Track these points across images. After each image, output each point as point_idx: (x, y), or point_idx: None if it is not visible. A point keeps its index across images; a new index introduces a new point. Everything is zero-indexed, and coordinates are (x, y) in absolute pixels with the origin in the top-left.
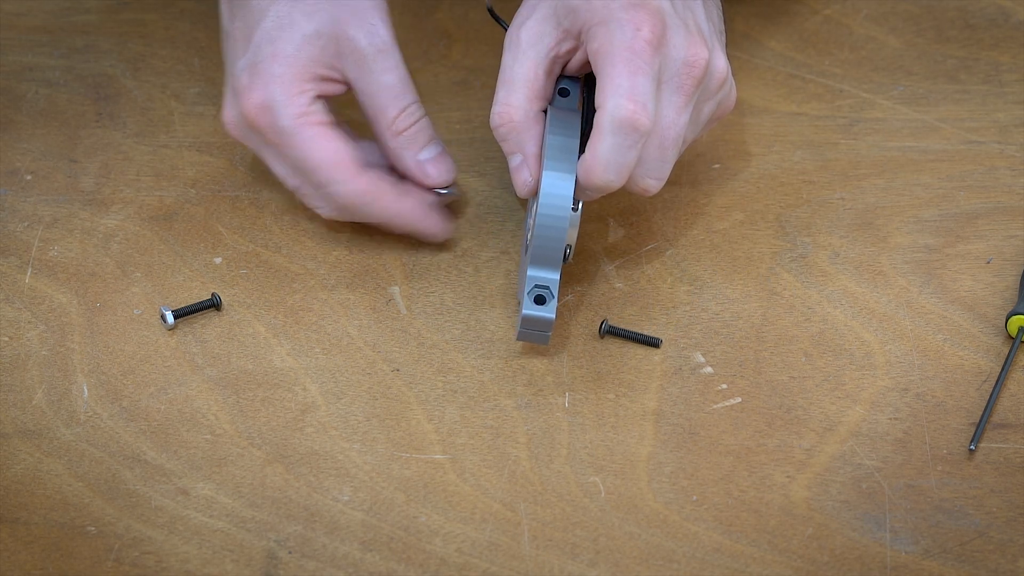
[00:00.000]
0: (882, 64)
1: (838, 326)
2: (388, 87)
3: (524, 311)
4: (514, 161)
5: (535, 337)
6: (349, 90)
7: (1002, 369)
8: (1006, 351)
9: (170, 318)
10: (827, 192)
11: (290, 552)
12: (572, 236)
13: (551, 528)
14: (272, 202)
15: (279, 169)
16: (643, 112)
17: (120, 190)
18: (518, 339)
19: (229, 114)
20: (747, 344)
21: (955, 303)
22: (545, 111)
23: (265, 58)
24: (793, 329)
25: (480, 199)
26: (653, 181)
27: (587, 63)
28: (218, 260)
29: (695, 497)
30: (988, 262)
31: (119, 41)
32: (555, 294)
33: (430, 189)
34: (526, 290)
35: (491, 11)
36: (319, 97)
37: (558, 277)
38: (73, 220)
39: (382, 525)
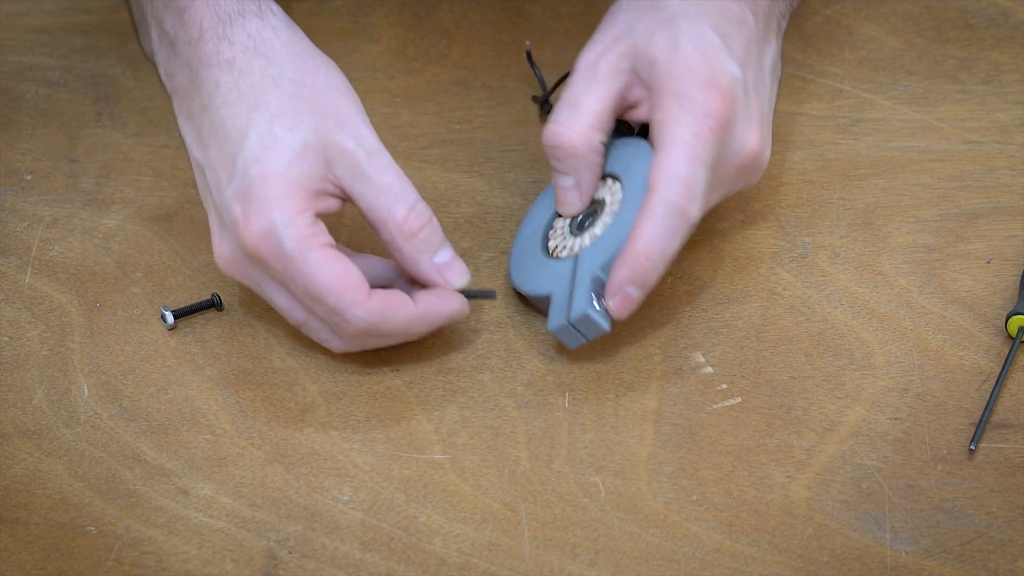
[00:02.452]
0: (882, 64)
1: (838, 326)
2: (388, 187)
3: (584, 310)
4: (565, 182)
5: (571, 337)
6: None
7: (1002, 369)
8: (1006, 351)
9: (170, 318)
10: (827, 192)
11: (290, 552)
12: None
13: (551, 528)
14: None
15: (283, 302)
16: (694, 204)
17: (120, 190)
18: (559, 334)
19: (223, 249)
20: (747, 344)
21: (955, 303)
22: (605, 144)
23: (255, 181)
24: (793, 329)
25: (480, 199)
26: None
27: (642, 110)
28: None
29: (695, 497)
30: (988, 262)
31: (119, 41)
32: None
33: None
34: (588, 288)
35: (529, 55)
36: (318, 216)
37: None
38: (73, 220)
39: (382, 525)
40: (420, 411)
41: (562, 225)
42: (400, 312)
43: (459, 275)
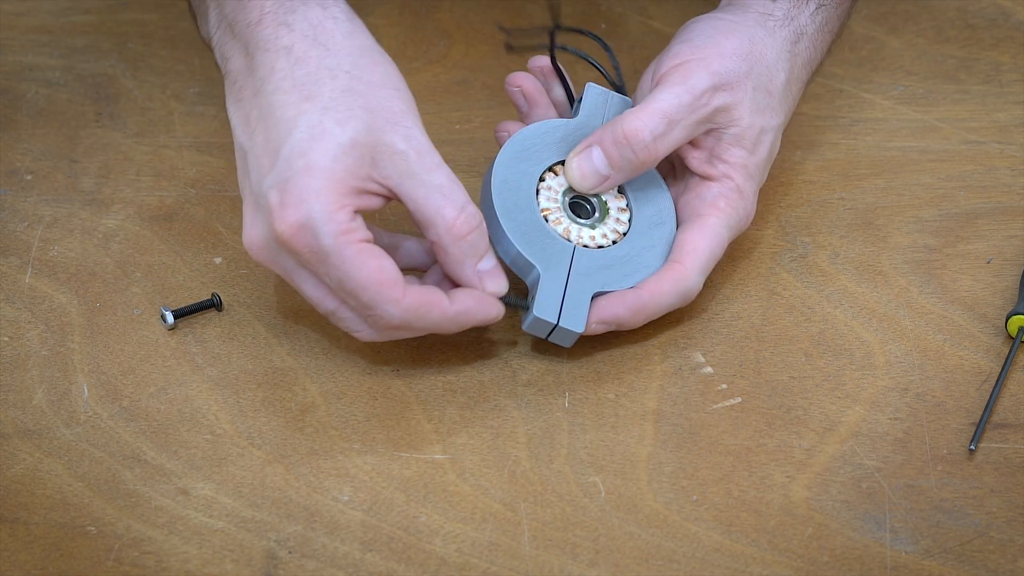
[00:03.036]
0: (882, 64)
1: (838, 326)
2: (438, 187)
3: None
4: (604, 169)
5: (542, 329)
6: (392, 201)
7: (1002, 369)
8: (1006, 351)
9: (170, 318)
10: (827, 192)
11: (290, 552)
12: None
13: (551, 528)
14: None
15: (314, 292)
16: (700, 286)
17: (120, 190)
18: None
19: (255, 235)
20: (747, 344)
21: (955, 303)
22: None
23: (298, 172)
24: (793, 329)
25: (480, 199)
26: None
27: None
28: (218, 260)
29: (695, 497)
30: (988, 262)
31: (119, 41)
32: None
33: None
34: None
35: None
36: (357, 212)
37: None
38: (73, 220)
39: (382, 525)
40: (420, 411)
41: (556, 186)
42: (435, 311)
43: (498, 284)
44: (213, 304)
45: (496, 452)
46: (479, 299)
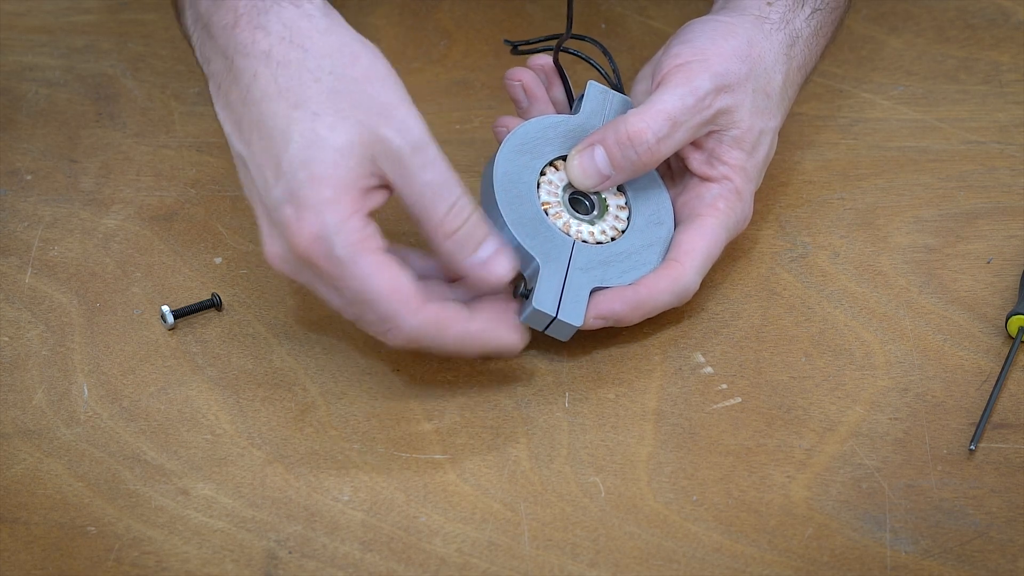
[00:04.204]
0: (882, 64)
1: (838, 326)
2: (429, 184)
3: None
4: (605, 168)
5: (540, 322)
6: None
7: (1002, 369)
8: (1006, 351)
9: (170, 318)
10: (827, 192)
11: (290, 552)
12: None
13: (551, 528)
14: None
15: (336, 301)
16: (697, 286)
17: (120, 190)
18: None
19: (275, 250)
20: (747, 344)
21: (955, 303)
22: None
23: (303, 184)
24: (793, 329)
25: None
26: None
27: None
28: (218, 260)
29: (695, 497)
30: (988, 262)
31: (119, 41)
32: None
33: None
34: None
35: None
36: (370, 214)
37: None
38: (73, 220)
39: (382, 525)
40: (420, 411)
41: (557, 181)
42: (452, 329)
43: (503, 268)
44: (213, 304)
45: (496, 452)
46: (496, 325)
